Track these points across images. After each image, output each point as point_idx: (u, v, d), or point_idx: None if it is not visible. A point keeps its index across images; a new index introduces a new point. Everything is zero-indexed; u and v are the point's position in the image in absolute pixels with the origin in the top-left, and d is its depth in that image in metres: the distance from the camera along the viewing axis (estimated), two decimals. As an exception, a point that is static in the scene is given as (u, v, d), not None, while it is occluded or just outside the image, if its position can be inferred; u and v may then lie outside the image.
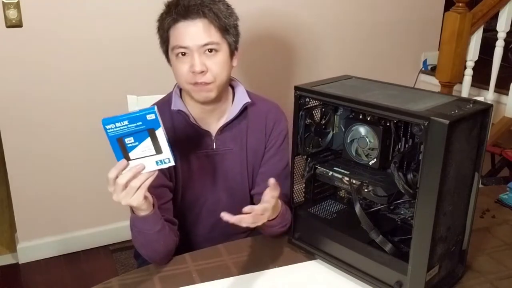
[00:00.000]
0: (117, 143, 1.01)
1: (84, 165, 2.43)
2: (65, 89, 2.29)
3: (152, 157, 1.03)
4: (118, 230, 2.56)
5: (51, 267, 2.43)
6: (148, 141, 1.01)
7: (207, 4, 1.23)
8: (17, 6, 2.10)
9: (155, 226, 1.16)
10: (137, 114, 0.99)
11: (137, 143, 1.01)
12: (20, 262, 2.45)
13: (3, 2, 2.07)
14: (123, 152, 1.02)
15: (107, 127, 0.98)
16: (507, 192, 1.55)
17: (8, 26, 2.11)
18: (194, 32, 1.22)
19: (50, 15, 2.18)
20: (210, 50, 1.24)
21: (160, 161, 1.04)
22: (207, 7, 1.22)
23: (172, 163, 1.04)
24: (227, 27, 1.26)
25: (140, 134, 1.00)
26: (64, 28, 2.22)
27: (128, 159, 1.03)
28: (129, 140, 1.01)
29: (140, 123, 0.99)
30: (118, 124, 0.98)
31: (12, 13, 2.10)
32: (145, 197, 1.08)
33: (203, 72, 1.23)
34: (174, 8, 1.23)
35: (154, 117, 0.99)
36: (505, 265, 1.25)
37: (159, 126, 1.00)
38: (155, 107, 1.00)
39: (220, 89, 1.29)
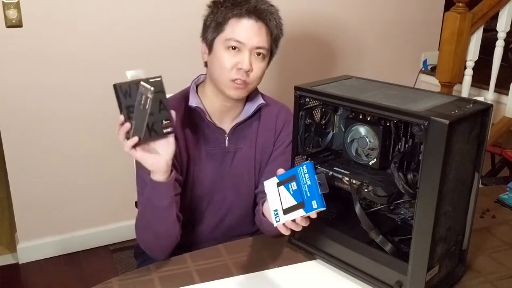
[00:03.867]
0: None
1: (84, 165, 2.43)
2: (65, 89, 2.29)
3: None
4: (118, 230, 2.56)
5: (51, 267, 2.43)
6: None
7: (273, 12, 1.30)
8: (17, 6, 2.10)
9: (165, 199, 1.18)
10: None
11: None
12: (20, 262, 2.44)
13: (3, 2, 2.07)
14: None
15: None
16: (507, 192, 1.55)
17: (8, 26, 2.11)
18: (254, 32, 1.26)
19: (50, 15, 2.18)
20: (259, 54, 1.29)
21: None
22: (273, 15, 1.29)
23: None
24: (277, 40, 1.34)
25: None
26: (64, 28, 2.22)
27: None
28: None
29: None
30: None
31: (12, 13, 2.10)
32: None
33: (248, 71, 1.27)
34: (244, 3, 1.26)
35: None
36: (505, 265, 1.25)
37: None
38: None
39: (250, 91, 1.35)
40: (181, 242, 1.28)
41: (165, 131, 1.12)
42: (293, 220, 1.05)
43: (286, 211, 1.05)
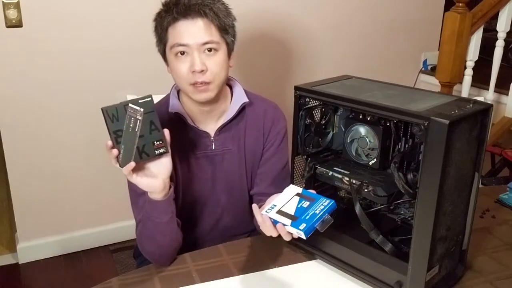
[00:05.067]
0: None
1: (84, 165, 2.43)
2: (65, 89, 2.29)
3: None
4: (118, 230, 2.56)
5: (51, 267, 2.43)
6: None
7: (207, 4, 1.23)
8: (17, 6, 2.10)
9: (166, 214, 1.18)
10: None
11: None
12: (20, 262, 2.45)
13: (3, 2, 2.07)
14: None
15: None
16: (507, 192, 1.55)
17: (8, 26, 2.11)
18: (195, 31, 1.22)
19: (50, 15, 2.18)
20: (210, 50, 1.24)
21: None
22: (208, 6, 1.22)
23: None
24: (226, 27, 1.26)
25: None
26: (64, 28, 2.22)
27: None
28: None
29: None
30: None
31: (12, 13, 2.10)
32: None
33: (203, 71, 1.23)
34: (174, 7, 1.22)
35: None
36: (505, 265, 1.25)
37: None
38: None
39: (219, 88, 1.29)
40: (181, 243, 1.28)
41: (157, 152, 1.09)
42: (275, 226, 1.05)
43: (280, 212, 1.05)
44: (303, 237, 1.00)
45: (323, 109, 1.26)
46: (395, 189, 1.12)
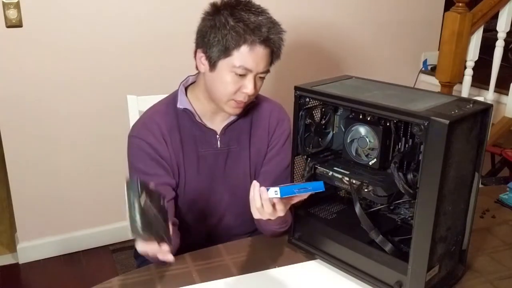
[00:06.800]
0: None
1: (84, 165, 2.43)
2: (65, 89, 2.29)
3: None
4: (118, 230, 2.56)
5: (51, 267, 2.43)
6: None
7: (283, 39, 1.28)
8: (17, 6, 2.10)
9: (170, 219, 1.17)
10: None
11: None
12: (20, 262, 2.45)
13: (3, 2, 2.07)
14: None
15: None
16: (507, 192, 1.55)
17: (8, 26, 2.11)
18: (261, 59, 1.24)
19: (50, 15, 2.18)
20: (261, 77, 1.28)
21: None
22: (281, 39, 1.27)
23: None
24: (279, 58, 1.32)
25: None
26: (64, 28, 2.22)
27: None
28: None
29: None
30: None
31: (12, 13, 2.10)
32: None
33: (251, 95, 1.27)
34: (257, 31, 1.21)
35: None
36: (505, 265, 1.25)
37: None
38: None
39: None
40: (180, 243, 1.28)
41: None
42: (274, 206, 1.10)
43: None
44: (279, 195, 1.05)
45: (323, 109, 1.26)
46: (395, 189, 1.12)
